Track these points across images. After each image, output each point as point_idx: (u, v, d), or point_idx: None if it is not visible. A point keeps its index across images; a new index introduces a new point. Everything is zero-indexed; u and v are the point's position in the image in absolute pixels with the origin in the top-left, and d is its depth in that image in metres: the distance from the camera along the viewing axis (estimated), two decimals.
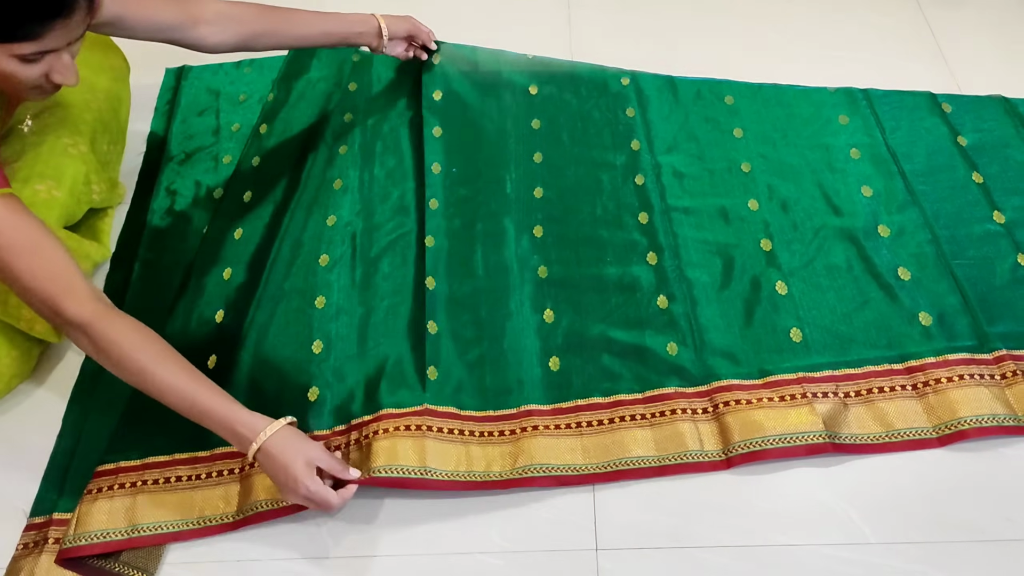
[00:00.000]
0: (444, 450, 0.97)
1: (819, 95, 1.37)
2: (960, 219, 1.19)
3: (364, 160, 1.29)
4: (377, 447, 0.95)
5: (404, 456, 0.94)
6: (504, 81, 1.38)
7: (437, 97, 1.33)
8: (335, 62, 1.43)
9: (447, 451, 0.97)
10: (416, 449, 0.95)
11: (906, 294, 1.10)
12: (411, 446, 0.95)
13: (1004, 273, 1.12)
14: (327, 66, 1.43)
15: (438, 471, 0.94)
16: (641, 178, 1.26)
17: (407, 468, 0.93)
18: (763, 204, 1.22)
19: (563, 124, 1.34)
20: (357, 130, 1.33)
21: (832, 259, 1.15)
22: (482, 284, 1.14)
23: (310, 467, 0.87)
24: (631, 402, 1.03)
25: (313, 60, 1.45)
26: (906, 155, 1.27)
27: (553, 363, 1.07)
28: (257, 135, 1.33)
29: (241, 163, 1.30)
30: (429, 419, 0.99)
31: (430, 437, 0.97)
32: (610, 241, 1.19)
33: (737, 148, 1.30)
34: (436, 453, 0.96)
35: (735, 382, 1.03)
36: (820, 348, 1.06)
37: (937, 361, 1.03)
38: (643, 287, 1.13)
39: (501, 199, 1.23)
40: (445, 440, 0.98)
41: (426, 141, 1.27)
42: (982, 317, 1.07)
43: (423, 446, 0.96)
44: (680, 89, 1.39)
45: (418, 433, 0.97)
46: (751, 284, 1.13)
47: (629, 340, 1.08)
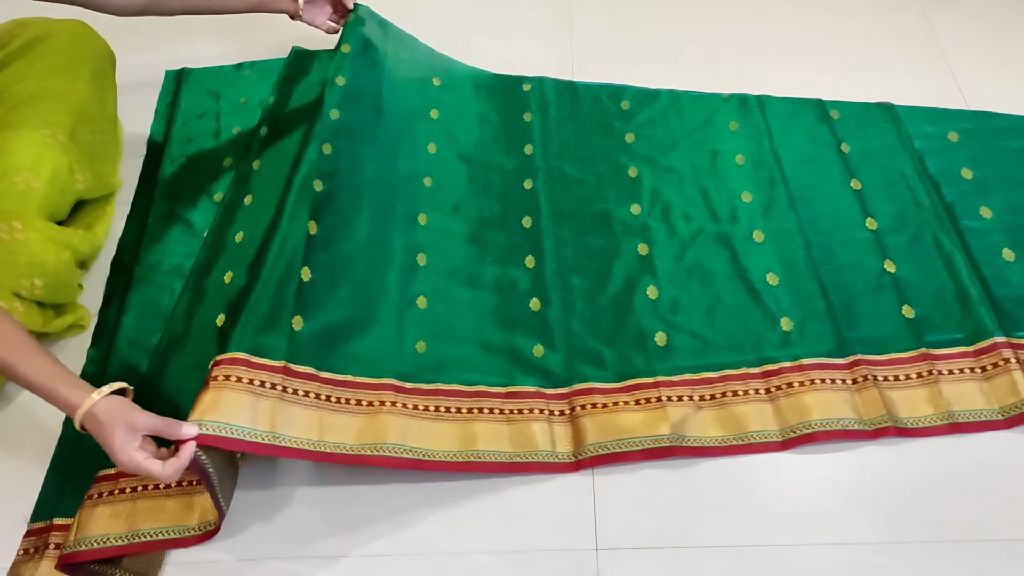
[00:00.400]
0: (295, 414, 0.93)
1: (712, 101, 1.38)
2: (835, 225, 1.20)
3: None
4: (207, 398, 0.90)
5: (241, 416, 0.89)
6: (410, 68, 1.38)
7: (340, 83, 1.26)
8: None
9: (298, 415, 0.94)
10: (270, 411, 0.91)
11: (772, 299, 1.12)
12: (266, 407, 0.91)
13: (870, 279, 1.14)
14: (327, 68, 1.42)
15: (287, 437, 0.91)
16: (530, 182, 1.27)
17: (256, 432, 0.88)
18: (645, 209, 1.24)
19: (459, 120, 1.35)
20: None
21: (706, 264, 1.17)
22: (362, 251, 1.12)
23: (132, 435, 0.83)
24: (492, 395, 1.04)
25: (314, 63, 1.45)
26: (790, 162, 1.28)
27: (420, 346, 1.07)
28: (257, 138, 1.33)
29: (242, 166, 1.30)
30: (284, 378, 0.95)
31: (287, 400, 0.94)
32: (492, 242, 1.20)
33: (627, 153, 1.32)
34: (287, 417, 0.92)
35: (596, 385, 1.05)
36: (683, 352, 1.08)
37: (793, 365, 1.05)
38: (519, 289, 1.15)
39: (393, 181, 1.22)
40: (298, 404, 0.95)
41: (322, 124, 1.20)
42: (843, 322, 1.09)
43: (276, 407, 0.92)
44: (579, 94, 1.41)
45: (273, 392, 0.93)
46: (625, 289, 1.15)
47: (499, 339, 1.09)
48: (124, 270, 1.22)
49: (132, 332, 1.14)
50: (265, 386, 0.93)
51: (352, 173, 1.17)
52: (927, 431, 1.00)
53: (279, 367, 0.96)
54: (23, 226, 1.03)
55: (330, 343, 1.02)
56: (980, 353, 1.05)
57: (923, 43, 1.50)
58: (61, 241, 1.07)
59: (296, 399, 0.96)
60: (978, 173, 1.25)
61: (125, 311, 1.16)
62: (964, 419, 1.00)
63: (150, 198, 1.31)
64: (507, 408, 1.03)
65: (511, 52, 1.50)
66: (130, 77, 1.40)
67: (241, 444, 0.88)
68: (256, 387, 0.92)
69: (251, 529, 0.96)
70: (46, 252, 1.05)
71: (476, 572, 0.92)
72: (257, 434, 0.89)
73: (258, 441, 0.89)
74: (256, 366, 0.94)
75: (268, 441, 0.89)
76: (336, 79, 1.24)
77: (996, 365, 1.03)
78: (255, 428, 0.89)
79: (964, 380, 1.04)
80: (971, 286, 1.11)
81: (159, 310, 1.15)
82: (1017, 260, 1.14)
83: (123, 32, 1.27)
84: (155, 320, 1.14)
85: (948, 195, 1.22)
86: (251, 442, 0.88)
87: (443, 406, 1.02)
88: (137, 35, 1.28)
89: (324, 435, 0.94)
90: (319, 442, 0.93)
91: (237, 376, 0.92)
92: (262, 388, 0.93)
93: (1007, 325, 1.07)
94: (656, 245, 1.19)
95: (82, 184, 1.16)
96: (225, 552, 0.94)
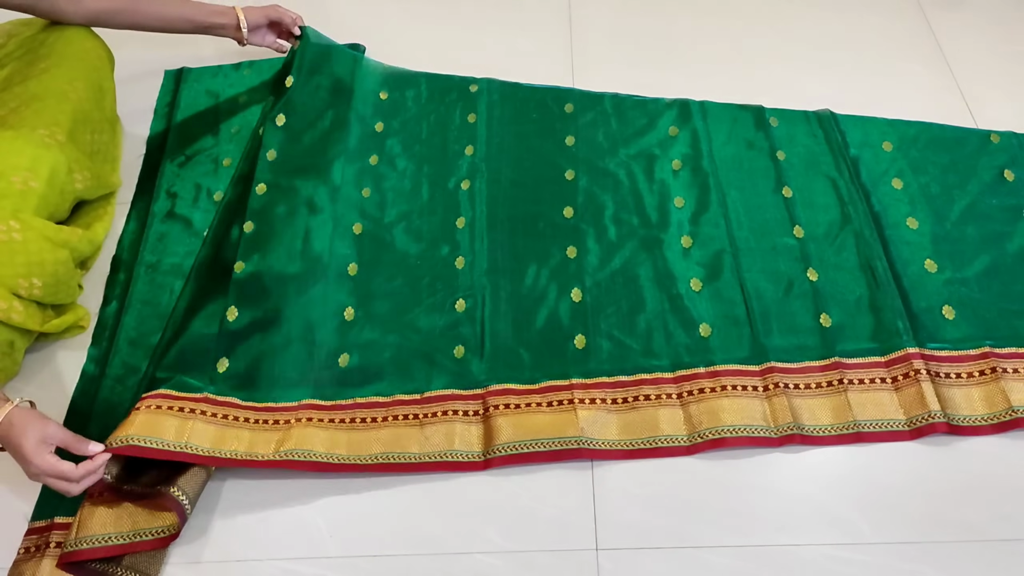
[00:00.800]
0: (210, 431, 0.98)
1: (654, 106, 1.38)
2: (763, 233, 1.20)
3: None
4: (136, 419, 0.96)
5: (164, 431, 0.95)
6: (355, 84, 1.39)
7: (280, 122, 1.31)
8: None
9: (212, 432, 0.98)
10: (180, 428, 0.96)
11: (693, 305, 1.12)
12: (175, 425, 0.96)
13: (791, 287, 1.14)
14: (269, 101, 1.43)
15: (198, 447, 0.96)
16: (467, 183, 1.28)
17: (164, 442, 0.94)
18: (577, 212, 1.24)
19: (403, 126, 1.37)
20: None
21: (631, 269, 1.17)
22: (291, 276, 1.14)
23: (42, 445, 0.87)
24: (408, 402, 1.05)
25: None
26: (725, 168, 1.28)
27: (343, 359, 1.09)
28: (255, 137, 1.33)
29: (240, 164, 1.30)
30: (204, 405, 1.01)
31: (200, 420, 0.99)
32: (428, 242, 1.21)
33: (566, 156, 1.31)
34: (201, 433, 0.97)
35: (511, 386, 1.05)
36: (600, 356, 1.08)
37: (706, 371, 1.05)
38: (446, 290, 1.15)
39: (328, 192, 1.24)
40: (215, 424, 0.99)
41: (267, 130, 1.28)
42: (761, 329, 1.09)
43: (191, 427, 0.97)
44: (524, 96, 1.41)
45: (191, 416, 0.98)
46: (548, 291, 1.15)
47: (420, 341, 1.10)
48: (124, 270, 1.22)
49: (132, 332, 1.14)
50: (184, 411, 0.99)
51: (285, 206, 1.20)
52: (831, 440, 1.00)
53: (200, 397, 1.02)
54: (20, 226, 1.03)
55: (254, 376, 1.06)
56: (892, 363, 1.05)
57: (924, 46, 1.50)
58: (59, 240, 1.07)
59: (215, 420, 1.00)
60: (908, 183, 1.25)
61: (125, 311, 1.16)
62: (870, 429, 1.00)
63: (150, 198, 1.31)
64: (422, 412, 1.04)
65: (511, 52, 1.50)
66: (130, 77, 1.40)
67: (152, 452, 0.93)
68: (175, 412, 0.98)
69: (252, 529, 0.96)
70: (43, 251, 1.04)
71: (477, 572, 0.92)
72: (167, 443, 0.94)
73: (169, 449, 0.94)
74: (177, 397, 1.00)
75: (179, 449, 0.94)
76: (276, 118, 1.29)
77: (907, 376, 1.03)
78: (164, 438, 0.94)
79: (874, 390, 1.03)
80: (889, 296, 1.11)
81: (159, 310, 1.16)
82: (939, 271, 1.14)
83: (123, 32, 1.26)
84: (155, 320, 1.15)
85: (876, 204, 1.22)
86: (162, 450, 0.93)
87: (359, 418, 1.04)
88: (136, 35, 1.28)
89: (236, 445, 0.98)
90: (231, 452, 0.98)
91: (157, 405, 0.98)
92: (181, 413, 0.98)
93: (921, 336, 1.07)
94: (584, 248, 1.19)
95: (81, 184, 1.16)
96: (226, 552, 0.94)
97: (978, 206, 1.22)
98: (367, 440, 1.01)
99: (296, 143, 1.29)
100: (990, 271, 1.14)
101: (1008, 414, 0.99)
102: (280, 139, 1.28)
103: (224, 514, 0.97)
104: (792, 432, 0.99)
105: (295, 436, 0.99)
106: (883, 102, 1.38)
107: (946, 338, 1.07)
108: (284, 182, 1.23)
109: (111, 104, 1.30)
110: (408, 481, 0.99)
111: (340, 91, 1.37)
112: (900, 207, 1.22)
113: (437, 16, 1.60)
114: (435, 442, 1.00)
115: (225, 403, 1.02)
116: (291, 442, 0.98)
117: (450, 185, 1.28)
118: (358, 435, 1.02)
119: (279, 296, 1.12)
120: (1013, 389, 1.01)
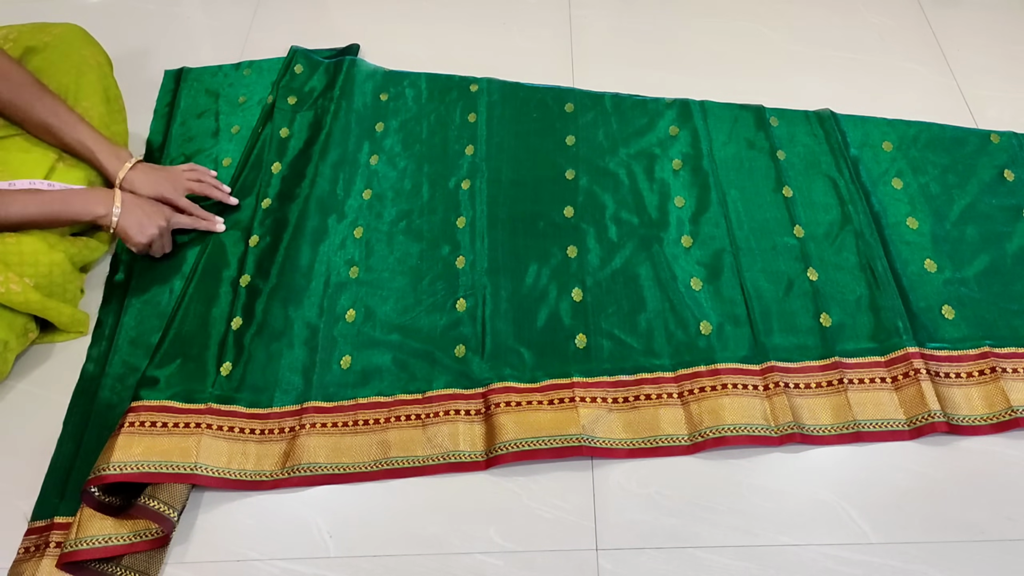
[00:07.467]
0: (218, 447, 0.99)
1: (655, 105, 1.38)
2: (763, 232, 1.20)
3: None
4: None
5: (170, 452, 0.96)
6: (355, 87, 1.41)
7: (292, 102, 1.35)
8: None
9: (220, 447, 0.99)
10: (191, 447, 0.98)
11: (694, 303, 1.12)
12: (181, 444, 0.98)
13: (791, 287, 1.14)
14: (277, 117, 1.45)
15: (208, 467, 0.97)
16: (467, 183, 1.28)
17: (173, 464, 0.95)
18: (578, 211, 1.24)
19: (403, 127, 1.37)
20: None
21: (632, 268, 1.17)
22: (296, 282, 1.16)
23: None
24: (410, 402, 1.05)
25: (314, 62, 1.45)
26: (725, 168, 1.28)
27: (345, 361, 1.09)
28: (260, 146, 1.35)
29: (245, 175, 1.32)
30: (210, 417, 1.01)
31: (207, 435, 1.00)
32: (429, 241, 1.21)
33: (566, 156, 1.31)
34: (209, 449, 0.98)
35: (512, 385, 1.05)
36: (601, 355, 1.08)
37: (707, 370, 1.05)
38: (447, 290, 1.15)
39: (331, 198, 1.27)
40: (222, 437, 1.00)
41: (271, 143, 1.31)
42: (761, 328, 1.09)
43: (198, 443, 0.98)
44: (524, 96, 1.41)
45: (196, 431, 1.00)
46: (549, 291, 1.15)
47: (421, 341, 1.10)
48: (124, 270, 1.22)
49: (132, 332, 1.14)
50: (190, 426, 1.00)
51: (289, 216, 1.23)
52: (832, 439, 1.00)
53: (204, 408, 1.02)
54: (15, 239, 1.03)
55: (257, 379, 1.06)
56: (892, 363, 1.05)
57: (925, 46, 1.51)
58: (53, 242, 1.07)
59: (221, 433, 1.00)
60: (907, 183, 1.25)
61: (125, 311, 1.16)
62: (870, 428, 1.00)
63: None
64: (424, 413, 1.04)
65: (511, 51, 1.50)
66: (129, 76, 1.40)
67: (162, 476, 0.94)
68: (181, 429, 0.99)
69: (253, 529, 0.96)
70: (38, 252, 1.04)
71: (477, 572, 0.92)
72: (175, 465, 0.95)
73: (180, 472, 0.95)
74: (181, 411, 1.01)
75: (190, 471, 0.96)
76: (280, 130, 1.35)
77: (907, 375, 1.03)
78: (171, 460, 0.96)
79: (874, 389, 1.03)
80: (889, 296, 1.11)
81: (159, 310, 1.16)
82: (939, 271, 1.14)
83: (123, 31, 1.26)
84: (155, 319, 1.15)
85: (876, 204, 1.22)
86: (171, 474, 0.95)
87: (362, 420, 1.04)
88: (137, 34, 1.28)
89: (245, 464, 0.99)
90: (239, 471, 0.99)
91: (163, 422, 0.99)
92: (187, 429, 1.00)
93: (921, 336, 1.07)
94: (585, 248, 1.19)
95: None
96: (226, 552, 0.94)
97: (978, 206, 1.22)
98: (370, 444, 1.01)
99: (298, 153, 1.31)
100: (990, 271, 1.14)
101: (1008, 414, 0.99)
102: (284, 151, 1.30)
103: (224, 514, 0.97)
104: (792, 431, 0.99)
105: (299, 449, 1.00)
106: (883, 102, 1.38)
107: (946, 338, 1.07)
108: (288, 193, 1.25)
109: (120, 113, 1.30)
110: (408, 481, 0.99)
111: (339, 96, 1.38)
112: (900, 207, 1.22)
113: (437, 15, 1.61)
114: (439, 443, 1.00)
115: (230, 413, 1.03)
116: (295, 456, 0.99)
117: (450, 185, 1.28)
118: (361, 439, 1.02)
119: (282, 300, 1.13)
120: (1013, 389, 1.01)
